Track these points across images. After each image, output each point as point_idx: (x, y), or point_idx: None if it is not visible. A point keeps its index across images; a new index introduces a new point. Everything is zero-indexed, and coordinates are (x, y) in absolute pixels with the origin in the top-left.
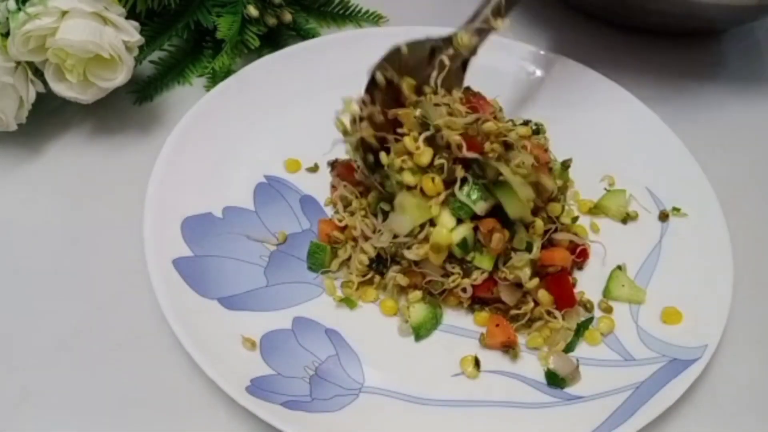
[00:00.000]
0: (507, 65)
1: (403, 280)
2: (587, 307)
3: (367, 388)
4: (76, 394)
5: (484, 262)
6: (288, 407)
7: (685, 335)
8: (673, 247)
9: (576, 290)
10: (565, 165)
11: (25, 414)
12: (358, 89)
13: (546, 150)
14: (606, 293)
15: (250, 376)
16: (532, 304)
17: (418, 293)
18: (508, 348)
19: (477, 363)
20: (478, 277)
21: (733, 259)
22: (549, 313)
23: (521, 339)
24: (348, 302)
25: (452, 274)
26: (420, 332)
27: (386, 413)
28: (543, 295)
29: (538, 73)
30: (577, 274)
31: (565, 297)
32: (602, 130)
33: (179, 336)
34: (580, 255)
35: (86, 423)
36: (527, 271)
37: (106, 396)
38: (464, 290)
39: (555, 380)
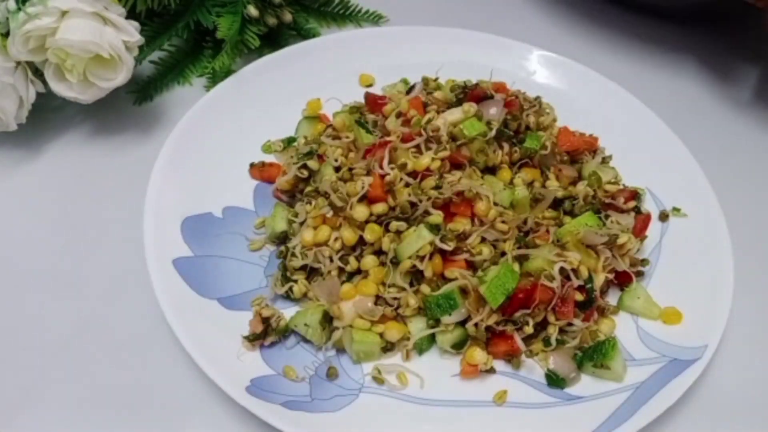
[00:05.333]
0: (507, 65)
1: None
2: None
3: (367, 388)
4: (77, 393)
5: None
6: (288, 407)
7: (685, 335)
8: (673, 247)
9: None
10: None
11: (26, 414)
12: (358, 89)
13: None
14: (619, 302)
15: (250, 376)
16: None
17: (413, 304)
18: (512, 357)
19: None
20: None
21: (733, 259)
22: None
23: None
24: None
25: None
26: (424, 345)
27: (386, 413)
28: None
29: (538, 73)
30: None
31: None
32: (602, 130)
33: (179, 336)
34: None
35: (86, 423)
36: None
37: (106, 396)
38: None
39: (555, 381)
